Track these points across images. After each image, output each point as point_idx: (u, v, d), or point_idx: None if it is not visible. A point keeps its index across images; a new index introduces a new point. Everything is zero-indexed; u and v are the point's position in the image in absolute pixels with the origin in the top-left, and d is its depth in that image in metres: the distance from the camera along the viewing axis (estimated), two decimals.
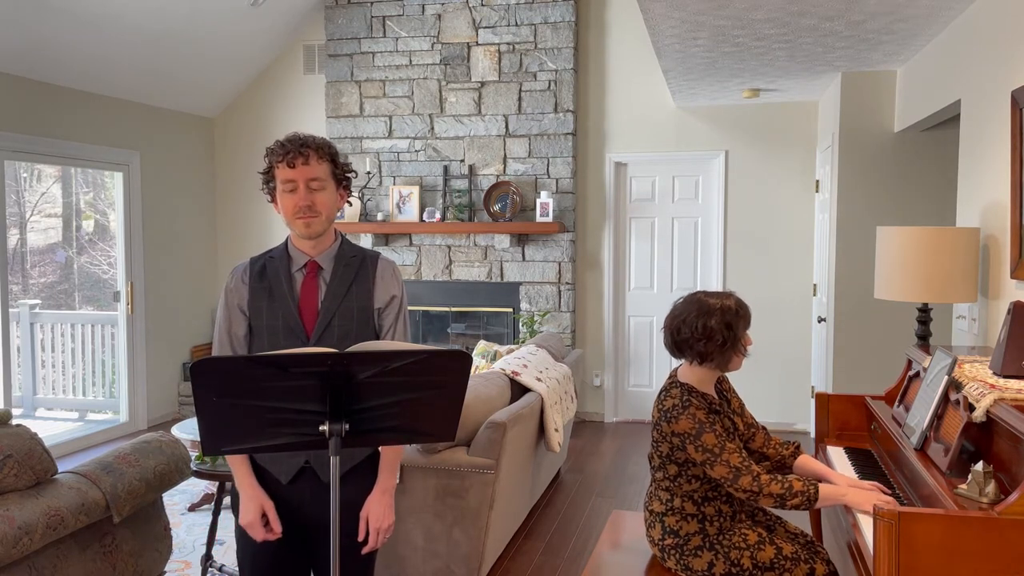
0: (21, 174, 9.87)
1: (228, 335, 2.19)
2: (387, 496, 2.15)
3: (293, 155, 2.09)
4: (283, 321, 2.13)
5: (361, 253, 2.23)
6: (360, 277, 2.19)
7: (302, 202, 2.10)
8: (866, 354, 5.25)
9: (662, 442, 2.54)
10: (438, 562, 3.51)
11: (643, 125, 6.69)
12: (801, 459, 2.71)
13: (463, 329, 6.93)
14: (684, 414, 2.47)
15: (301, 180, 2.09)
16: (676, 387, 2.56)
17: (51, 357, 7.33)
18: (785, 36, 4.27)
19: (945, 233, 3.20)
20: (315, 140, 2.13)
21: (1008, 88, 3.21)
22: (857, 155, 5.24)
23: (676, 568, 2.56)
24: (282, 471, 2.14)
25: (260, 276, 2.18)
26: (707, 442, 2.43)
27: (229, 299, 2.19)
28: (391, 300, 2.21)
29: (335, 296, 2.15)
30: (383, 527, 2.13)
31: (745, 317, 2.54)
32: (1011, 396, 2.13)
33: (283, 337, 2.13)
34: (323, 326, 2.13)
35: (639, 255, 6.85)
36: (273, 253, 2.22)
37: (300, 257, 2.18)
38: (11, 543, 2.40)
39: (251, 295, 2.17)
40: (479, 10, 6.67)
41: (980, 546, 1.82)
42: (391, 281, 2.23)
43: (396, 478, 2.20)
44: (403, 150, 6.91)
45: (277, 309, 2.14)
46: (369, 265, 2.21)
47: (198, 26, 6.21)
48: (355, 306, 2.16)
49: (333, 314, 2.14)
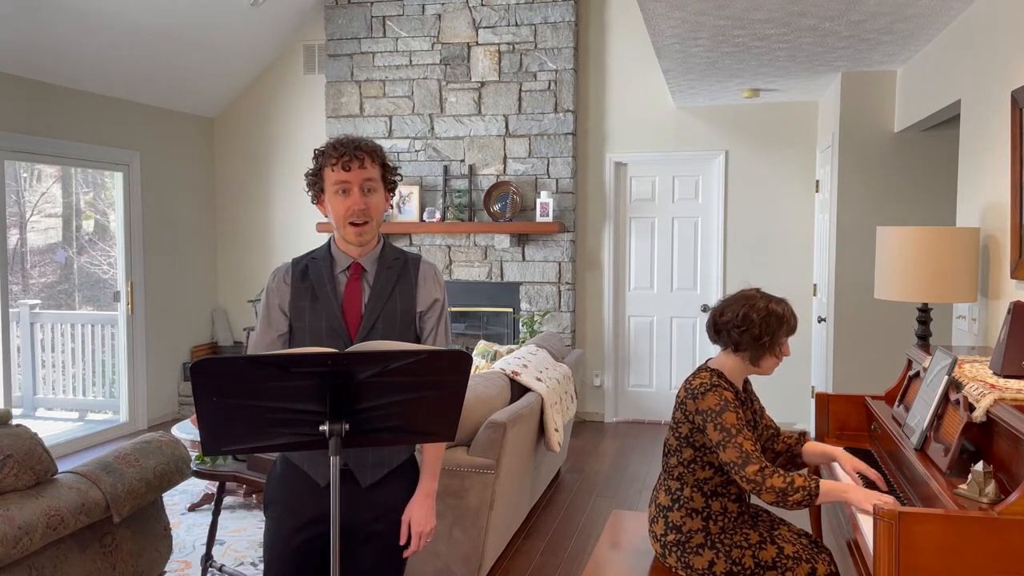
0: (21, 174, 9.87)
1: (266, 335, 2.18)
2: (429, 500, 2.15)
3: (349, 158, 2.08)
4: (327, 323, 2.12)
5: (403, 255, 2.23)
6: (403, 279, 2.18)
7: (357, 205, 2.09)
8: (866, 354, 5.24)
9: (683, 423, 2.57)
10: (438, 562, 3.51)
11: (643, 125, 6.69)
12: (808, 445, 2.77)
13: (463, 329, 6.93)
14: (712, 392, 2.50)
15: (355, 182, 2.09)
16: (706, 370, 2.61)
17: (51, 357, 7.33)
18: (785, 36, 4.27)
19: (945, 233, 3.20)
20: (368, 143, 2.14)
21: (1008, 88, 3.21)
22: (857, 155, 5.24)
23: (677, 566, 2.56)
24: (319, 474, 2.11)
25: (303, 277, 2.17)
26: (727, 420, 2.45)
27: (270, 299, 2.18)
28: (433, 303, 2.21)
29: (379, 298, 2.15)
30: (425, 531, 2.13)
31: (789, 325, 2.58)
32: (1011, 396, 2.13)
33: (326, 338, 2.11)
34: (367, 328, 2.12)
35: (639, 255, 6.85)
36: (316, 254, 2.20)
37: (344, 259, 2.17)
38: (11, 543, 2.40)
39: (293, 296, 2.16)
40: (479, 10, 6.67)
41: (980, 546, 1.82)
42: (433, 284, 2.22)
43: (437, 481, 2.19)
44: (403, 150, 6.91)
45: (320, 311, 2.13)
46: (411, 268, 2.21)
47: (198, 26, 6.21)
48: (399, 308, 2.16)
49: (377, 317, 2.13)
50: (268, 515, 2.19)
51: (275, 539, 2.14)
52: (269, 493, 2.20)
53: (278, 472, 2.19)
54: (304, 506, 2.11)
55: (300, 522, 2.11)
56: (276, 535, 2.14)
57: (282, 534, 2.13)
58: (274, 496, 2.18)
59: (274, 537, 2.15)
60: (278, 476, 2.19)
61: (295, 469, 2.14)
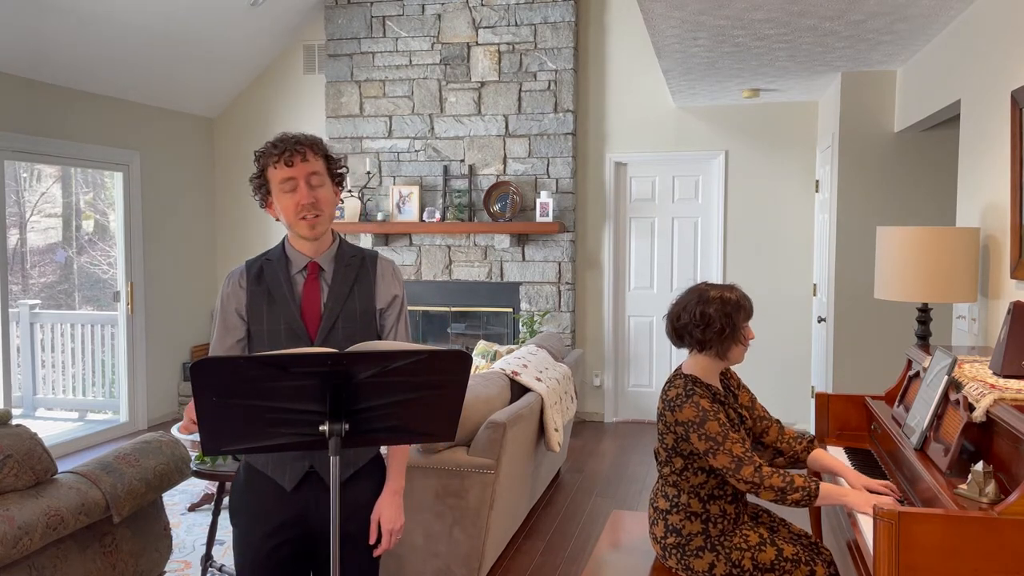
0: (21, 174, 9.87)
1: (224, 341, 2.14)
2: (397, 497, 2.14)
3: (290, 153, 2.03)
4: (285, 325, 2.09)
5: (360, 253, 2.20)
6: (361, 277, 2.16)
7: (305, 200, 2.04)
8: (866, 354, 5.24)
9: (667, 433, 2.55)
10: (438, 562, 3.51)
11: (643, 125, 6.69)
12: (815, 453, 2.70)
13: (463, 329, 6.93)
14: (688, 402, 2.48)
15: (301, 177, 2.05)
16: (680, 378, 2.58)
17: (51, 357, 7.33)
18: (785, 36, 4.27)
19: (945, 233, 3.20)
20: (308, 137, 2.10)
21: (1008, 88, 3.21)
22: (857, 155, 5.24)
23: (677, 568, 2.56)
24: (286, 477, 2.09)
25: (258, 279, 2.12)
26: (710, 430, 2.43)
27: (226, 304, 2.13)
28: (393, 300, 2.19)
29: (338, 298, 2.12)
30: (395, 528, 2.12)
31: (746, 308, 2.55)
32: (1011, 396, 2.13)
33: (285, 340, 2.08)
34: (327, 328, 2.09)
35: (639, 255, 6.85)
36: (270, 255, 2.16)
37: (300, 259, 2.13)
38: (11, 543, 2.40)
39: (249, 299, 2.11)
40: (479, 10, 6.67)
41: (980, 546, 1.82)
42: (392, 281, 2.20)
43: (404, 479, 2.18)
44: (403, 150, 6.91)
45: (278, 312, 2.09)
46: (369, 265, 2.18)
47: (198, 26, 6.21)
48: (358, 307, 2.13)
49: (337, 316, 2.10)
50: (235, 524, 2.16)
51: (245, 548, 2.12)
52: (234, 501, 2.16)
53: (242, 479, 2.16)
54: (272, 512, 2.09)
55: (269, 528, 2.09)
56: (246, 543, 2.12)
57: (252, 542, 2.11)
58: (239, 504, 2.15)
59: (244, 546, 2.12)
60: (242, 484, 2.15)
61: (259, 475, 2.11)
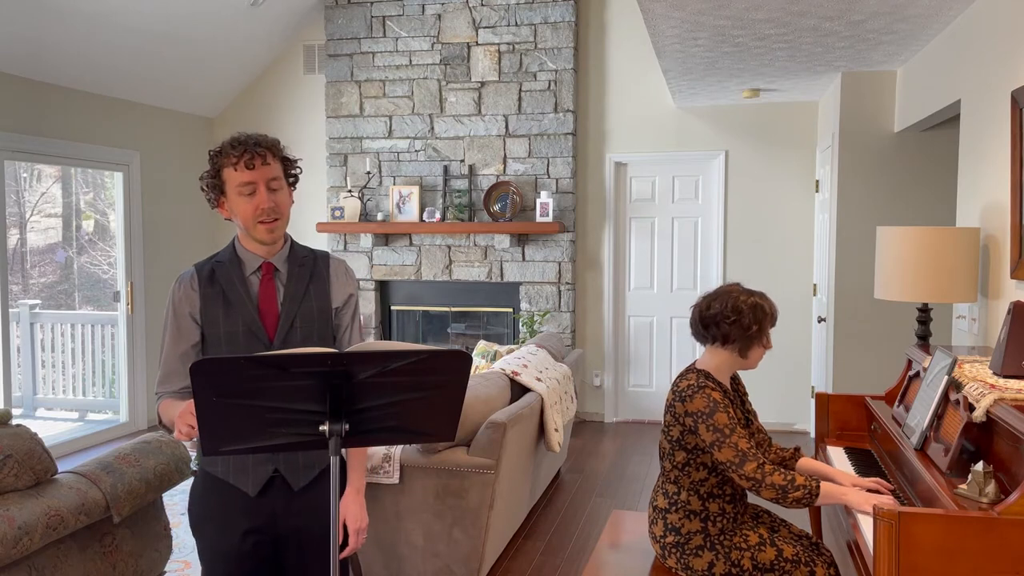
0: (21, 174, 9.88)
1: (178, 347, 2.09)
2: (360, 496, 2.13)
3: (251, 155, 2.01)
4: (243, 326, 2.06)
5: (312, 253, 2.20)
6: (316, 277, 2.16)
7: (266, 204, 2.02)
8: (866, 354, 5.24)
9: (674, 425, 2.56)
10: (438, 562, 3.51)
11: (643, 125, 6.69)
12: (802, 461, 2.72)
13: (463, 329, 6.93)
14: (699, 393, 2.50)
15: (261, 181, 2.02)
16: (693, 372, 2.60)
17: (51, 357, 7.33)
18: (785, 36, 4.27)
19: (945, 233, 3.20)
20: (267, 139, 2.08)
21: (1008, 88, 3.21)
22: (857, 155, 5.24)
23: (676, 567, 2.56)
24: (249, 483, 2.07)
25: (210, 282, 2.09)
26: (719, 421, 2.45)
27: (179, 309, 2.08)
28: (348, 298, 2.20)
29: (294, 298, 2.11)
30: (362, 527, 2.11)
31: (772, 316, 2.59)
32: (1011, 396, 2.13)
33: (243, 342, 2.05)
34: (285, 328, 2.09)
35: (639, 255, 6.84)
36: (220, 257, 2.13)
37: (253, 260, 2.11)
38: (11, 543, 2.40)
39: (203, 303, 2.08)
40: (479, 10, 6.67)
41: (980, 546, 1.82)
42: (346, 279, 2.21)
43: (365, 477, 2.17)
44: (403, 150, 6.91)
45: (235, 314, 2.07)
46: (322, 265, 2.19)
47: (198, 26, 6.21)
48: (315, 306, 2.13)
49: (294, 316, 2.10)
50: (200, 535, 2.12)
51: (214, 557, 2.10)
52: (196, 512, 2.13)
53: (200, 489, 2.13)
54: (237, 518, 2.07)
55: (237, 536, 2.06)
56: (214, 553, 2.09)
57: (220, 551, 2.08)
58: (203, 513, 2.12)
59: (212, 557, 2.10)
60: (201, 493, 2.13)
61: (220, 483, 2.09)
